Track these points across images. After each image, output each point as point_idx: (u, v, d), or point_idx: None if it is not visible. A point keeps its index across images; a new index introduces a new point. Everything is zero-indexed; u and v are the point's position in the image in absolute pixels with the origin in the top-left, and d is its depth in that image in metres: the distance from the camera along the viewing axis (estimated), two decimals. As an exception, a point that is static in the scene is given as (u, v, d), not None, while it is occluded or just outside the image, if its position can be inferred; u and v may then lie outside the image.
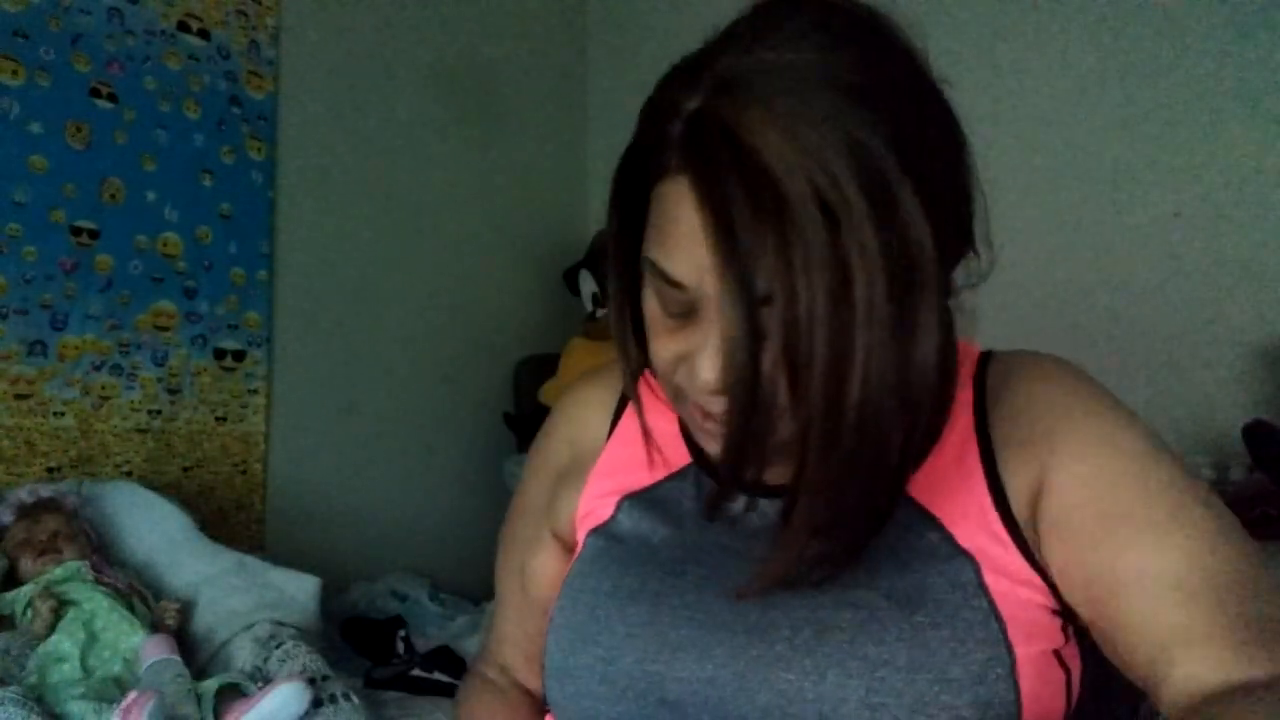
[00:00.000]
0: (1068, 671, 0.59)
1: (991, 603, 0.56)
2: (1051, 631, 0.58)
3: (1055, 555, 0.57)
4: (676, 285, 0.54)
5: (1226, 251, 2.37)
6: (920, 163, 0.49)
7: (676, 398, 0.60)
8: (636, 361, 0.65)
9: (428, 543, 2.78)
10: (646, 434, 0.68)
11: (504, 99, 3.17)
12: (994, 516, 0.59)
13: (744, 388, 0.50)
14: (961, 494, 0.60)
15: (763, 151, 0.48)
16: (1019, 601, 0.57)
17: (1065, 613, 0.59)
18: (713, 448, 0.58)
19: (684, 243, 0.52)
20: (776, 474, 0.60)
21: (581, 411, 0.76)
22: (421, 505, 2.82)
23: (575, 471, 0.73)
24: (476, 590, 2.52)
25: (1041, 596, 0.58)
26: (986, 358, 0.66)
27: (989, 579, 0.57)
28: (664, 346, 0.57)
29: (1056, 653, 0.58)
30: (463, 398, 2.97)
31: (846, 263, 0.47)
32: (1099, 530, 0.56)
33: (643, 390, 0.73)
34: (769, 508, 0.63)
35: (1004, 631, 0.55)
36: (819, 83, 0.48)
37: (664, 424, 0.70)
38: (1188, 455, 2.30)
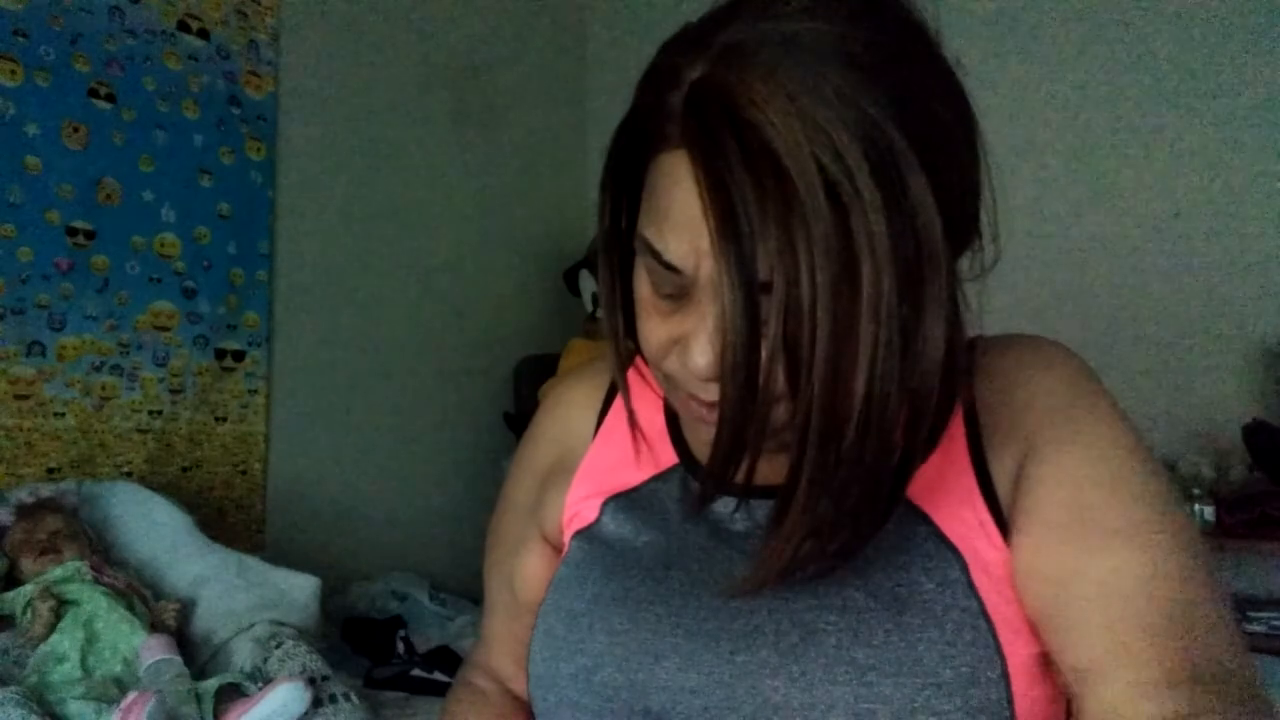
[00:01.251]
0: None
1: (980, 602, 0.54)
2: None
3: (1020, 547, 0.55)
4: (670, 268, 0.51)
5: (1226, 251, 2.37)
6: (932, 146, 0.47)
7: (668, 384, 0.57)
8: (626, 346, 0.61)
9: (428, 543, 2.78)
10: (633, 421, 0.65)
11: (504, 99, 3.17)
12: (982, 508, 0.56)
13: (740, 378, 0.48)
14: (950, 485, 0.58)
15: (765, 127, 0.45)
16: (1007, 600, 0.55)
17: None
18: (709, 436, 0.55)
19: (680, 223, 0.49)
20: (768, 473, 0.58)
21: (566, 411, 0.74)
22: (422, 505, 2.82)
23: (561, 472, 0.71)
24: (476, 590, 2.51)
25: None
26: (973, 342, 0.63)
27: (977, 577, 0.54)
28: (655, 329, 0.55)
29: (1048, 655, 0.56)
30: (463, 398, 2.97)
31: (853, 250, 0.45)
32: (1063, 530, 0.54)
33: (633, 380, 0.70)
34: (757, 509, 0.61)
35: (994, 633, 0.53)
36: (830, 57, 0.45)
37: (651, 421, 0.68)
38: (1188, 455, 2.30)
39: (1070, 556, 0.53)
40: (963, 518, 0.56)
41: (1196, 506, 2.16)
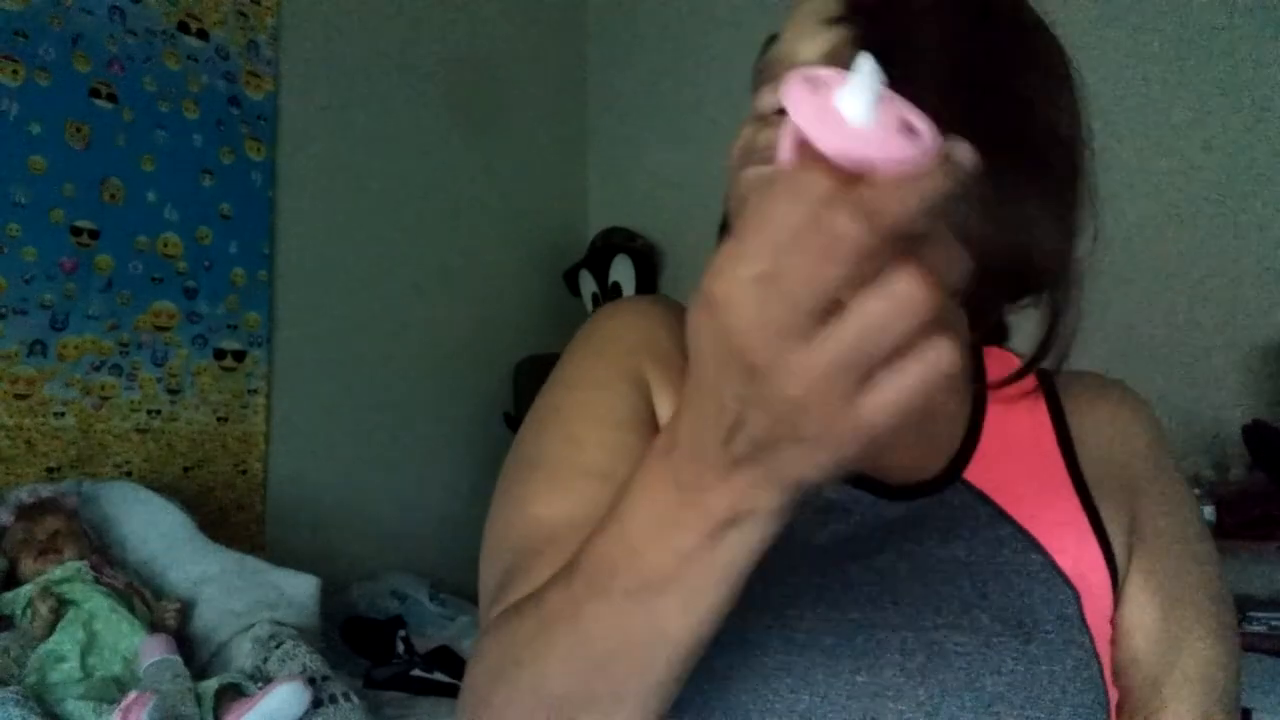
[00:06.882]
0: None
1: (1092, 641, 0.53)
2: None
3: (1130, 610, 0.57)
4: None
5: (1227, 251, 2.37)
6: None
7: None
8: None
9: (428, 543, 2.78)
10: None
11: (504, 98, 3.17)
12: (1096, 552, 0.56)
13: None
14: (1060, 521, 0.57)
15: None
16: (1106, 643, 0.55)
17: None
18: None
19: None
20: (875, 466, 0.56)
21: (652, 329, 0.59)
22: (421, 505, 2.82)
23: (664, 387, 0.57)
24: (476, 590, 2.52)
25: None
26: (1045, 373, 0.62)
27: (1089, 615, 0.54)
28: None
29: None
30: (463, 398, 2.97)
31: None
32: (1170, 605, 0.57)
33: None
34: (871, 508, 0.56)
35: (1102, 673, 0.52)
36: None
37: None
38: (1188, 456, 2.30)
39: (1176, 634, 0.57)
40: (1077, 554, 0.56)
41: (1196, 507, 2.16)
